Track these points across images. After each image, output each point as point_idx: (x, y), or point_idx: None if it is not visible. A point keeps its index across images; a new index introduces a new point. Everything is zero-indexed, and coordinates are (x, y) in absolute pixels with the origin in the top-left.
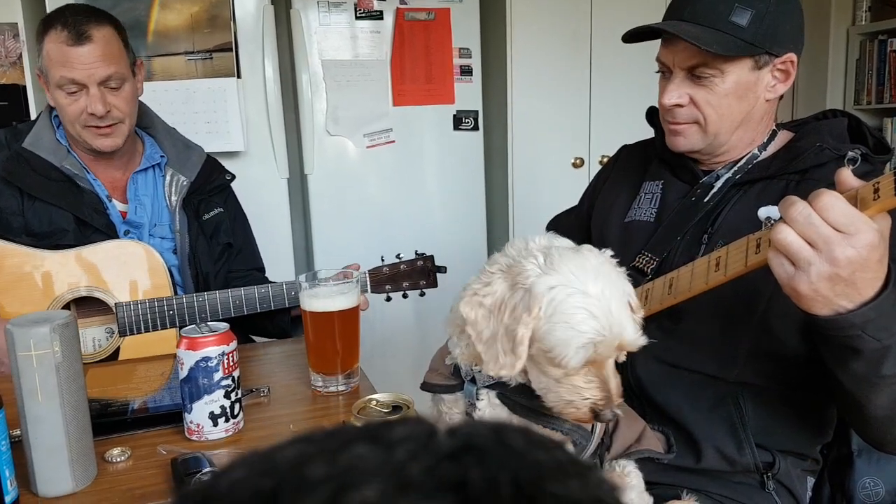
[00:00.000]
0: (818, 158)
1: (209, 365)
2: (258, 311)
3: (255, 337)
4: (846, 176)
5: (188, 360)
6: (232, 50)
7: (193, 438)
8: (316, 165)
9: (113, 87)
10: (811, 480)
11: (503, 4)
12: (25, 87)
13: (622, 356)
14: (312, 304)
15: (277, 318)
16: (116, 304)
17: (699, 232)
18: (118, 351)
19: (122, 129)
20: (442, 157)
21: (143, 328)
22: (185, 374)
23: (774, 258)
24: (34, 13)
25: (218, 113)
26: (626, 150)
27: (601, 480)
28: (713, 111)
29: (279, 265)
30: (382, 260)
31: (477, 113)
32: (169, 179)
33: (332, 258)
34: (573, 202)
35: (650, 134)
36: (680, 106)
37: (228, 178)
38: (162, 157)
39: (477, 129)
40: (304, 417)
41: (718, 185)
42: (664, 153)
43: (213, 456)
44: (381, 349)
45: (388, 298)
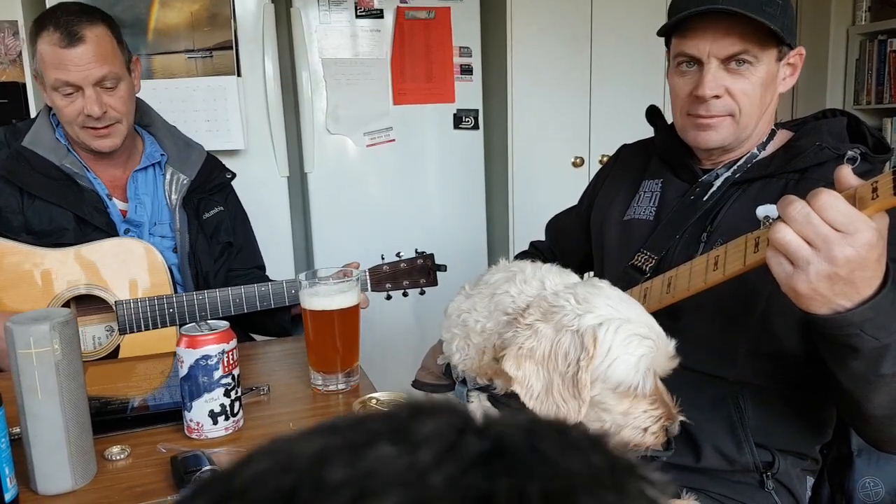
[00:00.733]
0: (817, 157)
1: (209, 363)
2: (258, 309)
3: (255, 335)
4: (845, 174)
5: (188, 358)
6: (232, 48)
7: (193, 437)
8: (316, 164)
9: (108, 86)
10: (811, 480)
11: (503, 3)
12: (25, 84)
13: (673, 366)
14: (312, 302)
15: (278, 316)
16: (116, 302)
17: (698, 230)
18: (118, 349)
19: (119, 129)
20: (442, 155)
21: (143, 326)
22: (184, 372)
23: (773, 257)
24: (34, 10)
25: (218, 111)
26: (625, 149)
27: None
28: (748, 101)
29: (279, 263)
30: (382, 258)
31: (477, 112)
32: (169, 178)
33: (331, 256)
34: (573, 201)
35: (650, 133)
36: (717, 97)
37: (229, 176)
38: (162, 155)
39: (477, 127)
40: (303, 416)
41: (717, 183)
42: (664, 152)
43: (212, 454)
44: (380, 348)
45: (388, 297)
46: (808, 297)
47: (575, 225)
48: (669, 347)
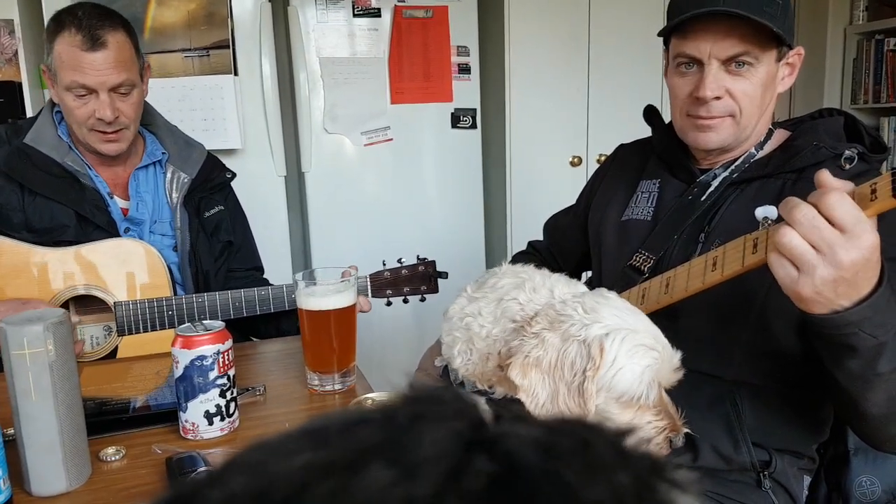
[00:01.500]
0: (815, 157)
1: (204, 363)
2: (258, 312)
3: (253, 337)
4: (826, 178)
5: (183, 358)
6: (229, 47)
7: (188, 437)
8: (313, 163)
9: (123, 93)
10: (808, 479)
11: (501, 2)
12: (21, 84)
13: (678, 377)
14: (309, 302)
15: (283, 325)
16: (115, 303)
17: (696, 230)
18: (116, 350)
19: (126, 134)
20: (440, 155)
21: (141, 328)
22: (180, 372)
23: (776, 261)
24: (30, 10)
25: (215, 110)
26: (622, 148)
27: None
28: (749, 102)
29: (276, 263)
30: (384, 264)
31: (475, 111)
32: (170, 176)
33: (329, 256)
34: (571, 200)
35: (648, 133)
36: (718, 98)
37: (229, 176)
38: (163, 153)
39: (475, 127)
40: (299, 416)
41: (715, 183)
42: (661, 152)
43: (208, 455)
44: (379, 348)
45: (388, 303)
46: (811, 300)
47: (573, 225)
48: (675, 359)
